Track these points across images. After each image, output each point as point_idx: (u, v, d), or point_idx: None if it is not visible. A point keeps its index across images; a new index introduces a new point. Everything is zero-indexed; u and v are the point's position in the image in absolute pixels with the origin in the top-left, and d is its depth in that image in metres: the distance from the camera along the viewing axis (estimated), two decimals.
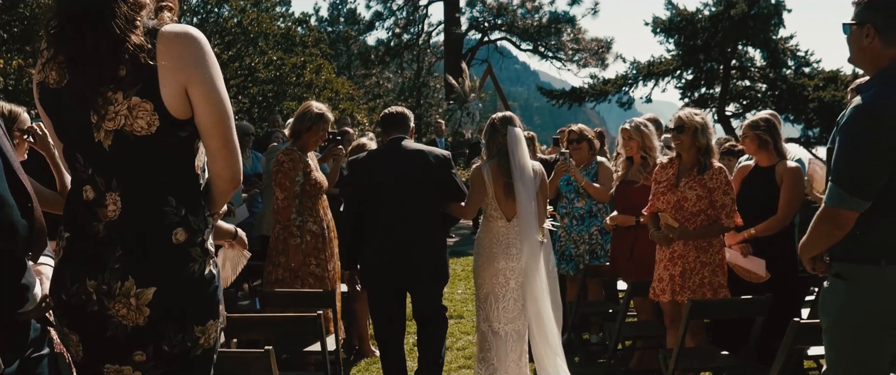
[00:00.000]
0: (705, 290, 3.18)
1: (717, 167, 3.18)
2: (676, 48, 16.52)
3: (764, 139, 3.40)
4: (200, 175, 1.48)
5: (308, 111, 3.57)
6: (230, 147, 1.45)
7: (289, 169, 3.42)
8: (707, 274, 3.20)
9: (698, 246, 3.20)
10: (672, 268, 3.25)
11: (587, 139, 4.38)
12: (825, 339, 2.00)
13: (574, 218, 4.39)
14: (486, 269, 3.21)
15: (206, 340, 1.46)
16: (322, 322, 2.44)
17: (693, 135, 3.17)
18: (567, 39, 18.93)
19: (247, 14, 14.30)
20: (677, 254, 3.26)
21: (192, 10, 14.32)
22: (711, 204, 3.17)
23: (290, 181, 3.41)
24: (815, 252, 1.98)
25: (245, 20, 14.21)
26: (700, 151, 3.19)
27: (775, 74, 16.11)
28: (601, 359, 4.17)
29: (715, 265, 3.21)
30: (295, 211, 3.45)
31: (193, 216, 1.43)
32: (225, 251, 2.15)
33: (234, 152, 1.46)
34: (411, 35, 19.56)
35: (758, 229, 3.36)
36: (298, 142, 3.54)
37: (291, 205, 3.42)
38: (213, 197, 1.51)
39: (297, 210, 3.47)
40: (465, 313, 5.36)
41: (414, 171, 3.16)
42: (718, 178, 3.16)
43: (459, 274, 6.81)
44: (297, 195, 3.44)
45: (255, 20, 14.22)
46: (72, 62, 1.34)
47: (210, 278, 1.46)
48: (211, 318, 1.47)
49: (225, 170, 1.46)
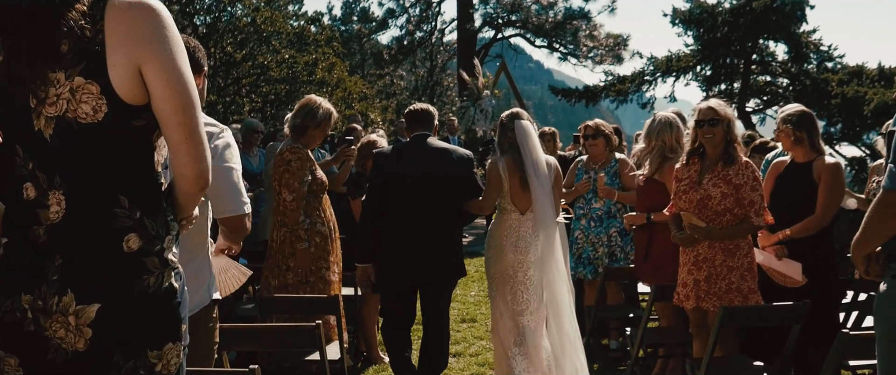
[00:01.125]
0: (733, 296, 2.95)
1: (743, 161, 2.94)
2: (695, 42, 16.12)
3: (799, 133, 3.14)
4: (162, 173, 1.28)
5: (317, 107, 3.35)
6: (194, 139, 1.24)
7: (297, 168, 3.22)
8: (735, 279, 2.96)
9: (725, 248, 2.97)
10: (697, 273, 3.02)
11: (604, 134, 4.15)
12: (879, 348, 1.80)
13: (592, 219, 4.17)
14: (497, 262, 3.28)
15: (164, 367, 1.26)
16: (321, 332, 2.25)
17: (727, 127, 2.94)
18: (583, 36, 18.55)
19: (260, 13, 14.28)
20: (702, 258, 3.02)
21: (205, 9, 14.31)
22: (738, 202, 2.93)
23: (298, 181, 3.22)
24: (871, 247, 1.78)
25: (258, 19, 14.18)
26: (729, 144, 2.95)
27: (797, 69, 15.64)
28: (622, 366, 3.94)
29: (743, 269, 2.97)
30: (302, 213, 3.28)
31: (151, 220, 1.24)
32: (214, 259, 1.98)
33: (199, 146, 1.25)
34: (424, 33, 19.38)
35: (794, 230, 3.10)
36: (303, 138, 3.34)
37: (300, 207, 3.24)
38: (178, 200, 1.31)
39: (304, 211, 3.29)
40: (478, 316, 5.16)
41: (437, 168, 3.20)
42: (745, 173, 2.91)
43: (473, 275, 6.61)
44: (305, 196, 3.26)
45: (269, 19, 14.19)
46: (4, 34, 1.15)
47: (169, 293, 1.26)
48: (170, 341, 1.26)
49: (188, 167, 1.25)
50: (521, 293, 3.23)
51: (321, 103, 3.38)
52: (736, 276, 2.96)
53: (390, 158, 3.24)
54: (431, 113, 3.39)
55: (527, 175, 3.17)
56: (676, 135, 3.49)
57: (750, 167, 2.93)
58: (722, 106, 3.00)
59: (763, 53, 16.27)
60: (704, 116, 2.97)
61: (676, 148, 3.46)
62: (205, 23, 14.28)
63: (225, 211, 1.87)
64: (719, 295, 2.96)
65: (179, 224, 1.33)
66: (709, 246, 2.99)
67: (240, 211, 1.88)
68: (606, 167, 4.14)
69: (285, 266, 3.29)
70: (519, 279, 3.22)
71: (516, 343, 3.23)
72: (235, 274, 2.13)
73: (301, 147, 3.29)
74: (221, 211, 1.87)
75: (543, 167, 3.21)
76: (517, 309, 3.22)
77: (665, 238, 3.31)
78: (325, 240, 3.34)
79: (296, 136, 3.34)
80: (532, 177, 3.16)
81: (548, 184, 3.19)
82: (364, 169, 4.02)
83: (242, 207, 1.89)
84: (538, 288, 3.22)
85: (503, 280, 3.27)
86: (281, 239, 3.32)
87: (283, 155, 3.29)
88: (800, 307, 2.68)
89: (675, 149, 3.47)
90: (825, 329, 3.05)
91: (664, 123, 3.51)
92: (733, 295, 2.95)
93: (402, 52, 19.13)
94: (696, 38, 16.07)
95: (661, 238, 3.39)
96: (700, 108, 3.04)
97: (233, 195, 1.87)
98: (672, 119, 3.54)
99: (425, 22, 19.19)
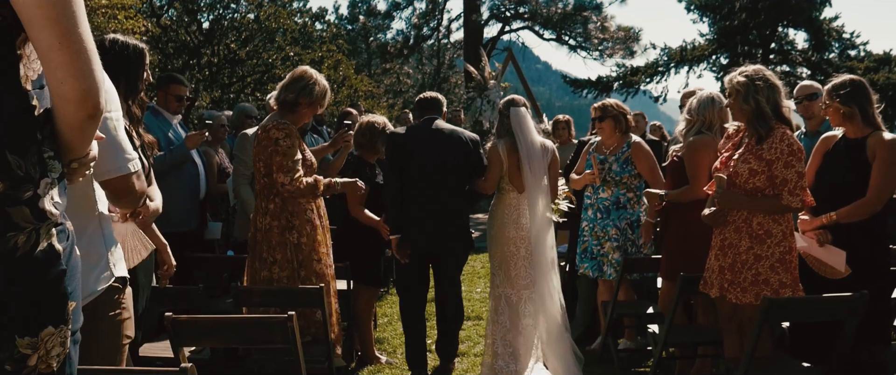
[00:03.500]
0: (760, 289, 2.59)
1: (779, 134, 2.59)
2: (711, 31, 15.59)
3: (848, 107, 2.75)
4: (32, 93, 0.96)
5: (313, 82, 2.96)
6: (71, 45, 0.91)
7: (287, 147, 2.85)
8: (762, 270, 2.60)
9: (752, 234, 2.62)
10: (722, 259, 2.69)
11: (611, 115, 3.73)
12: None
13: (599, 210, 3.78)
14: (498, 238, 3.45)
15: (41, 360, 0.95)
16: (294, 326, 1.91)
17: (736, 100, 2.65)
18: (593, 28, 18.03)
19: (264, 10, 14.08)
20: (728, 243, 2.69)
21: (209, 7, 14.15)
22: (771, 181, 2.58)
23: (291, 160, 2.84)
24: None
25: (262, 16, 13.97)
26: (759, 118, 2.61)
27: (818, 57, 15.05)
28: (639, 368, 3.58)
29: (774, 259, 2.60)
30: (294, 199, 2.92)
31: (16, 155, 0.92)
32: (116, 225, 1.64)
33: (80, 55, 0.92)
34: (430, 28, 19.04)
35: (841, 213, 2.72)
36: (292, 115, 2.96)
37: (301, 187, 2.87)
38: (61, 132, 0.98)
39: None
40: (484, 314, 4.83)
41: (447, 147, 3.42)
42: (779, 147, 2.56)
43: (479, 271, 6.28)
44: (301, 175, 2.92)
45: (272, 15, 13.99)
46: None
47: (48, 258, 0.95)
48: (49, 324, 0.96)
49: (67, 85, 0.93)
50: (523, 267, 3.40)
51: (317, 78, 3.00)
52: (764, 267, 2.60)
53: (405, 138, 3.45)
54: (440, 99, 3.62)
55: (520, 159, 3.35)
56: (720, 112, 3.14)
57: (785, 140, 2.57)
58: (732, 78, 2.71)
59: (782, 41, 15.68)
60: (726, 88, 2.73)
61: (717, 126, 3.14)
62: (208, 19, 14.14)
63: (105, 171, 1.50)
64: (744, 288, 2.62)
65: (67, 167, 1.00)
66: (735, 230, 2.66)
67: (123, 170, 1.51)
68: (618, 152, 3.75)
69: (271, 258, 2.96)
70: (521, 255, 3.39)
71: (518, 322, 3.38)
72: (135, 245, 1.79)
73: (288, 123, 2.93)
74: (101, 172, 1.50)
75: (537, 151, 3.38)
76: (518, 282, 3.39)
77: (679, 221, 3.04)
78: (316, 230, 3.00)
79: (284, 112, 2.96)
80: (525, 161, 3.34)
81: (539, 170, 3.36)
82: (363, 153, 3.69)
83: (126, 165, 1.52)
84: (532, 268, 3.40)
85: (504, 254, 3.43)
86: (266, 228, 2.98)
87: (268, 132, 2.91)
88: (857, 299, 2.30)
89: (715, 128, 3.14)
90: (876, 325, 2.67)
91: (707, 99, 3.18)
92: (760, 287, 2.59)
93: (408, 46, 18.80)
94: (712, 26, 15.52)
95: (676, 220, 3.09)
96: (726, 80, 2.77)
97: (113, 151, 1.50)
98: (716, 95, 3.21)
99: (431, 17, 18.83)
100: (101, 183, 1.52)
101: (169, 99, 3.80)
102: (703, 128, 3.15)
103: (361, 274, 3.59)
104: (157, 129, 3.66)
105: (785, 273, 2.60)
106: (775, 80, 2.70)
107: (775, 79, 2.72)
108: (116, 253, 1.63)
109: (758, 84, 2.64)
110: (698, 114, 3.15)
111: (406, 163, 3.37)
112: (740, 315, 2.68)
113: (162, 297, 2.58)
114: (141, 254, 1.83)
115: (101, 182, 1.52)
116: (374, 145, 3.65)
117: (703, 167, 3.03)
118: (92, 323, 1.56)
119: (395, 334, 4.33)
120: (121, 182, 1.50)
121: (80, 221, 1.54)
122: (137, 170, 1.54)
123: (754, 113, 2.62)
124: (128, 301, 1.65)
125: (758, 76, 2.67)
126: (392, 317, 4.72)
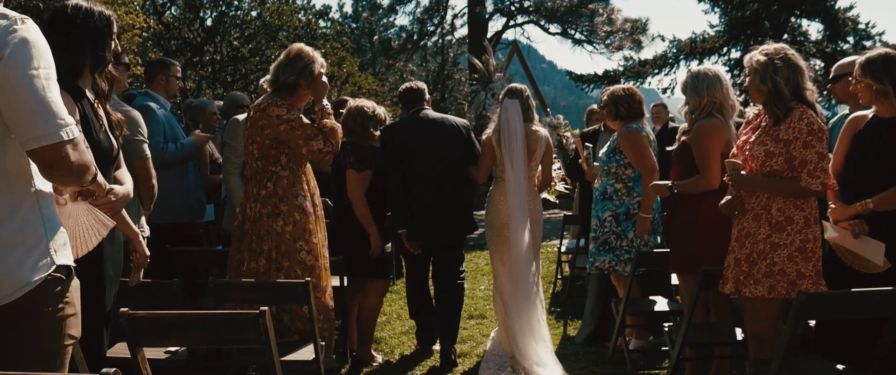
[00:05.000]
0: (775, 281, 2.39)
1: (798, 112, 2.38)
2: (722, 21, 15.18)
3: (881, 84, 2.49)
4: None
5: (313, 61, 2.73)
6: None
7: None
8: (780, 261, 2.39)
9: (773, 221, 2.41)
10: (738, 251, 2.49)
11: (609, 101, 3.50)
12: None
13: (595, 201, 3.57)
14: (494, 223, 3.55)
15: None
16: (267, 322, 1.69)
17: (753, 79, 2.46)
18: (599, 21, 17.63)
19: (267, 7, 13.97)
20: (745, 233, 2.48)
21: (212, 4, 14.06)
22: (789, 164, 2.38)
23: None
24: None
25: (264, 13, 13.85)
26: (776, 100, 2.42)
27: (833, 49, 14.63)
28: (650, 370, 3.35)
29: (793, 248, 2.39)
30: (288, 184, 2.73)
31: None
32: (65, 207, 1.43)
33: None
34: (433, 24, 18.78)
35: (877, 201, 2.46)
36: (291, 98, 2.74)
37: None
38: None
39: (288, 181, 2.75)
40: (487, 312, 4.63)
41: (439, 136, 3.50)
42: (797, 127, 2.36)
43: (483, 268, 6.08)
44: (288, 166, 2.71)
45: (275, 13, 13.89)
46: None
47: None
48: None
49: None
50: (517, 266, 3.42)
51: (315, 55, 2.77)
52: (781, 256, 2.39)
53: (399, 131, 3.55)
54: (422, 89, 3.67)
55: (502, 150, 3.43)
56: (727, 91, 2.92)
57: (805, 118, 2.36)
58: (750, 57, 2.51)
59: (796, 32, 15.27)
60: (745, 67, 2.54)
61: (727, 107, 2.91)
62: (211, 17, 14.05)
63: (29, 138, 1.27)
64: (758, 279, 2.40)
65: None
66: (754, 218, 2.45)
67: (52, 138, 1.27)
68: (611, 140, 3.55)
69: (259, 249, 2.74)
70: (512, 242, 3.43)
71: (512, 299, 3.43)
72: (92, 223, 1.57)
73: (284, 104, 2.71)
74: (26, 140, 1.27)
75: (519, 142, 3.43)
76: (509, 265, 3.45)
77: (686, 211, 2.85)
78: (307, 217, 2.78)
79: (282, 94, 2.73)
80: (505, 151, 3.42)
81: (520, 161, 3.42)
82: (356, 139, 3.49)
83: (57, 132, 1.28)
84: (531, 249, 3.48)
85: (500, 240, 3.52)
86: (255, 216, 2.75)
87: (265, 111, 2.67)
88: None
89: (725, 109, 2.91)
90: None
91: (712, 77, 2.93)
92: (775, 279, 2.38)
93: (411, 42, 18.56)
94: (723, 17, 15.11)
95: (682, 210, 2.90)
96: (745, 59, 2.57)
97: (40, 115, 1.27)
98: (718, 71, 2.98)
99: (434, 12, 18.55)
100: (27, 153, 1.31)
101: (170, 82, 3.66)
102: (714, 110, 2.91)
103: (370, 267, 3.41)
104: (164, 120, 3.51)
105: (804, 263, 2.38)
106: (798, 61, 2.49)
107: (798, 59, 2.51)
108: (59, 239, 1.41)
109: (776, 64, 2.43)
110: (708, 92, 2.90)
111: (402, 155, 3.43)
112: (750, 310, 2.45)
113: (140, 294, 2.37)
114: (100, 233, 1.61)
115: (28, 152, 1.30)
116: (365, 130, 3.45)
117: (714, 154, 2.82)
118: (28, 320, 1.35)
119: (394, 333, 4.12)
120: (50, 152, 1.27)
121: (12, 198, 1.33)
122: (73, 139, 1.31)
123: (771, 94, 2.42)
124: (73, 294, 1.42)
125: (778, 55, 2.46)
126: (390, 316, 4.51)
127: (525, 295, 3.36)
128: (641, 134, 3.41)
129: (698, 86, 2.91)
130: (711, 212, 2.72)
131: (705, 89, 2.90)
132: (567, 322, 4.34)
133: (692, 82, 2.95)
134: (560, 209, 8.35)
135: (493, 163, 3.51)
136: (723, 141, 2.84)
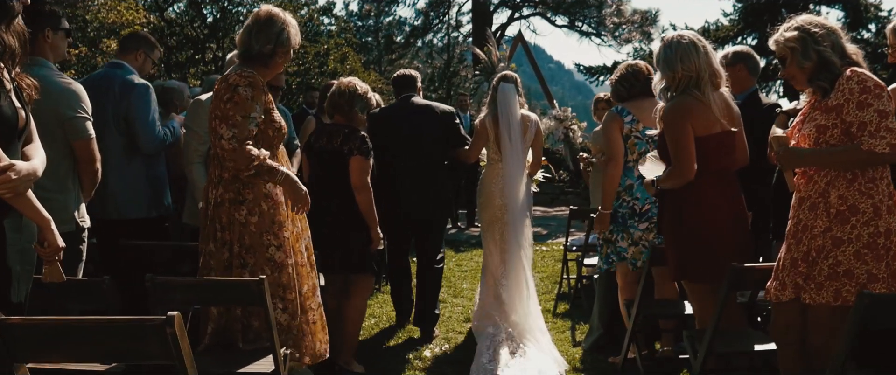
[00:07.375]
0: (840, 285, 1.96)
1: (844, 75, 2.00)
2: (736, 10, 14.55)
3: None
4: None
5: (286, 26, 2.40)
6: None
7: (246, 97, 2.28)
8: (845, 260, 1.96)
9: (831, 211, 1.99)
10: (796, 248, 2.06)
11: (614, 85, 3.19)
12: None
13: None
14: (487, 205, 3.66)
15: None
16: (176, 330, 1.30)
17: (794, 59, 2.08)
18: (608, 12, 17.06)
19: (268, 2, 13.76)
20: (802, 226, 2.06)
21: (214, 0, 13.86)
22: (846, 134, 1.99)
23: (242, 114, 2.28)
24: None
25: None
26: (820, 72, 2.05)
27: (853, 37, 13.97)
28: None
29: (860, 244, 1.96)
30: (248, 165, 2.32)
31: None
32: None
33: None
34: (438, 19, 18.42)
35: None
36: (264, 69, 2.39)
37: (244, 154, 2.27)
38: None
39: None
40: None
41: (423, 120, 3.66)
42: (846, 88, 1.98)
43: None
44: (253, 138, 2.33)
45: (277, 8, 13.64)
46: None
47: None
48: None
49: None
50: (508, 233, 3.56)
51: (288, 19, 2.43)
52: (846, 254, 1.97)
53: (383, 118, 3.69)
54: (414, 76, 3.83)
55: (500, 132, 3.51)
56: (707, 59, 2.44)
57: (855, 77, 1.98)
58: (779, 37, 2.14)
59: None
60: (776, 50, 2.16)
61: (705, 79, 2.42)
62: (211, 13, 13.85)
63: None
64: (820, 283, 1.99)
65: None
66: (810, 207, 2.04)
67: None
68: None
69: (223, 239, 2.40)
70: (506, 221, 3.56)
71: (503, 276, 3.58)
72: None
73: (254, 73, 2.35)
74: None
75: (516, 124, 3.51)
76: (505, 247, 3.56)
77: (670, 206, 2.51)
78: (276, 207, 2.43)
79: (252, 63, 2.37)
80: (503, 132, 3.50)
81: (518, 142, 3.51)
82: (338, 118, 3.16)
83: None
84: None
85: (493, 222, 3.63)
86: (217, 201, 2.40)
87: (227, 80, 2.33)
88: None
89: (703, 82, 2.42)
90: None
91: (686, 44, 2.43)
92: (841, 282, 1.97)
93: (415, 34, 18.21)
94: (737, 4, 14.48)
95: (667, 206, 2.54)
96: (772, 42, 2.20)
97: None
98: (694, 37, 2.47)
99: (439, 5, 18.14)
100: None
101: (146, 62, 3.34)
102: (690, 85, 2.43)
103: (357, 261, 3.08)
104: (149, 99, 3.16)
105: (876, 262, 1.95)
106: (830, 24, 2.12)
107: (829, 22, 2.14)
108: None
109: (815, 32, 2.06)
110: (683, 65, 2.41)
111: (387, 139, 3.54)
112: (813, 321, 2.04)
113: (67, 294, 2.01)
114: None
115: None
116: (351, 109, 3.11)
117: (686, 139, 2.37)
118: None
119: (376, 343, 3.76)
120: None
121: None
122: None
123: (818, 67, 2.04)
124: None
125: (812, 23, 2.09)
126: (380, 318, 4.15)
127: (515, 274, 3.50)
128: (615, 117, 3.05)
129: (671, 57, 2.43)
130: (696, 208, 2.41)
131: (679, 61, 2.41)
132: (575, 325, 3.96)
133: (664, 54, 2.46)
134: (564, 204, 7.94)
135: (485, 144, 3.65)
136: (700, 122, 2.39)
